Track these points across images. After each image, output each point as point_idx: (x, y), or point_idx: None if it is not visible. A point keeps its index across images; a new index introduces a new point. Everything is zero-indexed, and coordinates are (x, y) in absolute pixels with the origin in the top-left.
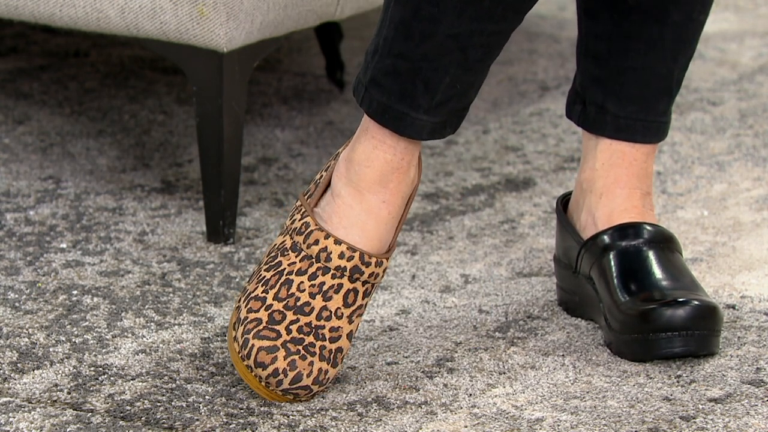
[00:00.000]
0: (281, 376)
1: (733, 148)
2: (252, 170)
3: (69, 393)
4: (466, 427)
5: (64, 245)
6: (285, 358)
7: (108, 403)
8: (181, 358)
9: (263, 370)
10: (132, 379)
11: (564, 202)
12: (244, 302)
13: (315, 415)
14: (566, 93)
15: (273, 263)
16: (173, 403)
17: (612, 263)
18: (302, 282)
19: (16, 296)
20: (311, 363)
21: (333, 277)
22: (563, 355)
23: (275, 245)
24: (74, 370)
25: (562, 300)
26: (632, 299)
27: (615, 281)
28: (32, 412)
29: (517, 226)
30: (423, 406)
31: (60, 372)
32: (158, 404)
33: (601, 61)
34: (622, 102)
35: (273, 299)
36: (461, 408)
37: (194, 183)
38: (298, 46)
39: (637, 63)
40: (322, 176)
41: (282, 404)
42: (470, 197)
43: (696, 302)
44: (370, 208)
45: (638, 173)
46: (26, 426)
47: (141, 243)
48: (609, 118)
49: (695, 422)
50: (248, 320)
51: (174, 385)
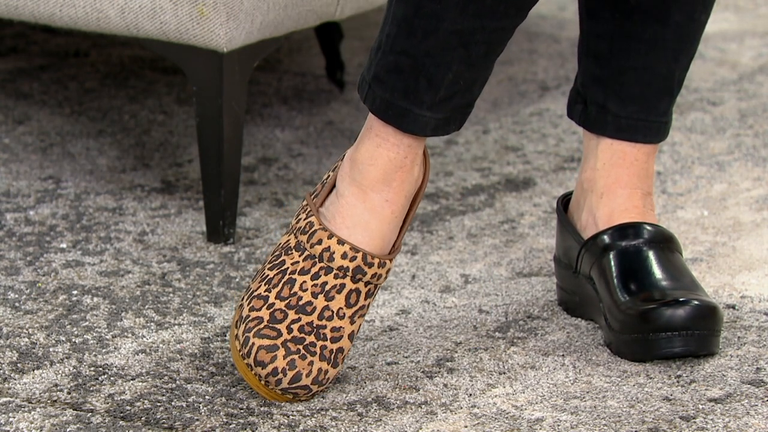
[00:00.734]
0: (280, 375)
1: (733, 148)
2: (252, 170)
3: (69, 393)
4: (466, 427)
5: (64, 245)
6: (284, 358)
7: (108, 403)
8: (181, 358)
9: (263, 369)
10: (132, 379)
11: (564, 202)
12: (247, 300)
13: (315, 415)
14: (566, 93)
15: (277, 262)
16: (173, 403)
17: (612, 263)
18: (305, 281)
19: (16, 296)
20: (311, 363)
21: (336, 277)
22: (563, 355)
23: (280, 244)
24: (74, 370)
25: (562, 300)
26: (632, 299)
27: (615, 281)
28: (32, 412)
29: (517, 226)
30: (423, 406)
31: (60, 372)
32: (158, 404)
33: (603, 61)
34: (624, 102)
35: (275, 298)
36: (461, 408)
37: (194, 183)
38: (298, 46)
39: (639, 63)
40: (329, 176)
41: (282, 404)
42: (470, 197)
43: (696, 302)
44: (374, 207)
45: (639, 173)
46: (26, 426)
47: (141, 243)
48: (610, 118)
49: (695, 422)
50: (250, 318)
51: (174, 385)
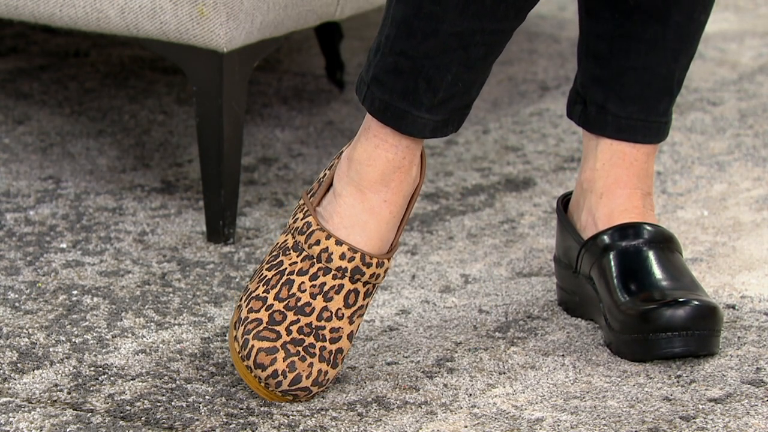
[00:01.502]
0: (280, 378)
1: (733, 148)
2: (252, 170)
3: (69, 393)
4: (466, 427)
5: (64, 245)
6: (284, 360)
7: (108, 403)
8: (181, 358)
9: (262, 371)
10: (132, 379)
11: (564, 202)
12: (245, 301)
13: (315, 415)
14: (566, 93)
15: (275, 262)
16: (173, 403)
17: (612, 263)
18: (303, 282)
19: (16, 296)
20: (311, 364)
21: (334, 278)
22: (563, 355)
23: (277, 244)
24: (74, 370)
25: (562, 300)
26: (632, 299)
27: (615, 281)
28: (32, 412)
29: (517, 226)
30: (423, 406)
31: (60, 372)
32: (158, 404)
33: (602, 61)
34: (623, 102)
35: (274, 299)
36: (461, 408)
37: (194, 183)
38: (298, 46)
39: (638, 63)
40: (326, 175)
41: (282, 404)
42: (470, 197)
43: (696, 302)
44: (372, 208)
45: (639, 173)
46: (26, 426)
47: (141, 243)
48: (610, 118)
49: (695, 422)
50: (249, 320)
51: (174, 385)
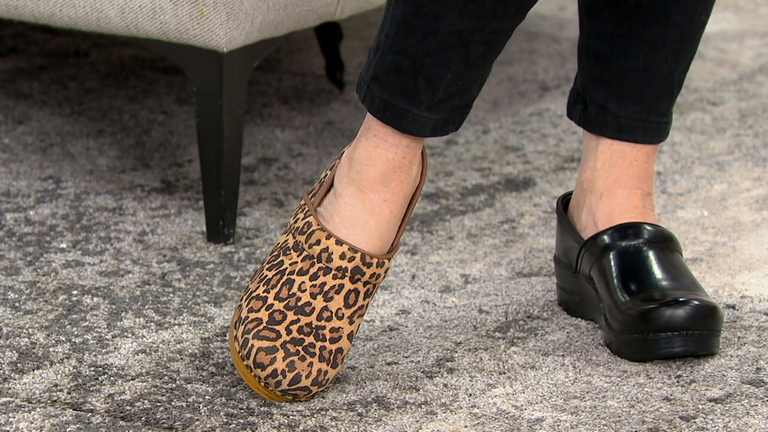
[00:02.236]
0: (280, 377)
1: (733, 148)
2: (252, 170)
3: (69, 393)
4: (466, 427)
5: (64, 245)
6: (284, 359)
7: (108, 403)
8: (181, 358)
9: (262, 371)
10: (132, 379)
11: (564, 202)
12: (246, 301)
13: (315, 415)
14: (566, 93)
15: (275, 262)
16: (173, 403)
17: (612, 263)
18: (303, 282)
19: (16, 296)
20: (310, 364)
21: (334, 278)
22: (563, 355)
23: (278, 244)
24: (74, 370)
25: (563, 300)
26: (632, 299)
27: (615, 281)
28: (32, 412)
29: (517, 226)
30: (423, 406)
31: (60, 372)
32: (158, 404)
33: (603, 61)
34: (623, 102)
35: (274, 299)
36: (461, 408)
37: (194, 183)
38: (298, 46)
39: (639, 63)
40: (327, 175)
41: (282, 404)
42: (470, 197)
43: (696, 302)
44: (372, 208)
45: (639, 173)
46: (26, 426)
47: (141, 243)
48: (610, 119)
49: (695, 422)
50: (249, 320)
51: (174, 385)
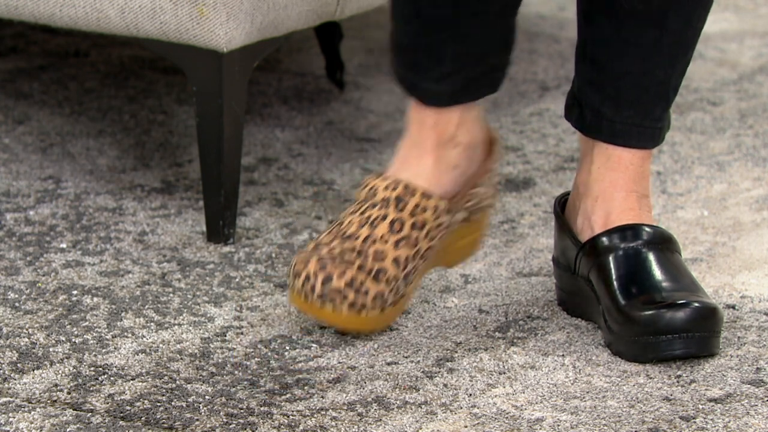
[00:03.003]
0: (312, 280)
1: (733, 148)
2: (252, 170)
3: (69, 393)
4: (466, 427)
5: (64, 245)
6: (317, 262)
7: (108, 403)
8: (181, 358)
9: (298, 280)
10: (132, 379)
11: (561, 203)
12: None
13: (315, 415)
14: (566, 93)
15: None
16: (173, 403)
17: (611, 265)
18: (351, 219)
19: (16, 296)
20: (345, 270)
21: (379, 209)
22: (563, 355)
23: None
24: (74, 370)
25: (562, 300)
26: (632, 301)
27: (614, 284)
28: (32, 412)
29: (517, 226)
30: (423, 406)
31: (60, 372)
32: (158, 404)
33: (599, 66)
34: (619, 107)
35: (322, 238)
36: (461, 408)
37: (194, 183)
38: (298, 46)
39: (635, 68)
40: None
41: (282, 404)
42: None
43: (696, 304)
44: (420, 155)
45: (634, 177)
46: (26, 426)
47: (141, 243)
48: (605, 123)
49: (695, 422)
50: (296, 262)
51: (174, 385)
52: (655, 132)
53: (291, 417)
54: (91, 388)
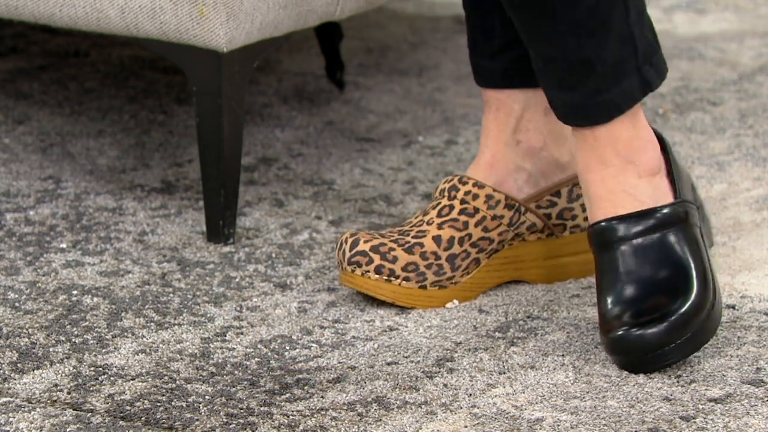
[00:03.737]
0: (344, 246)
1: (733, 148)
2: (252, 170)
3: (69, 393)
4: (466, 427)
5: (64, 245)
6: (351, 233)
7: (108, 403)
8: (181, 358)
9: (339, 251)
10: (132, 379)
11: None
12: None
13: (315, 415)
14: None
15: None
16: (173, 403)
17: (597, 269)
18: (410, 220)
19: (16, 296)
20: (374, 237)
21: (434, 200)
22: (563, 355)
23: None
24: (74, 370)
25: None
26: (609, 318)
27: (599, 292)
28: (32, 412)
29: None
30: (423, 406)
31: (60, 372)
32: (158, 404)
33: (527, 58)
34: (553, 92)
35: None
36: (461, 408)
37: (194, 183)
38: (298, 46)
39: (549, 55)
40: None
41: (282, 404)
42: None
43: (670, 318)
44: (485, 148)
45: (604, 153)
46: (26, 426)
47: (141, 243)
48: (557, 108)
49: (695, 422)
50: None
51: (174, 385)
52: (600, 105)
53: (291, 417)
54: (91, 388)
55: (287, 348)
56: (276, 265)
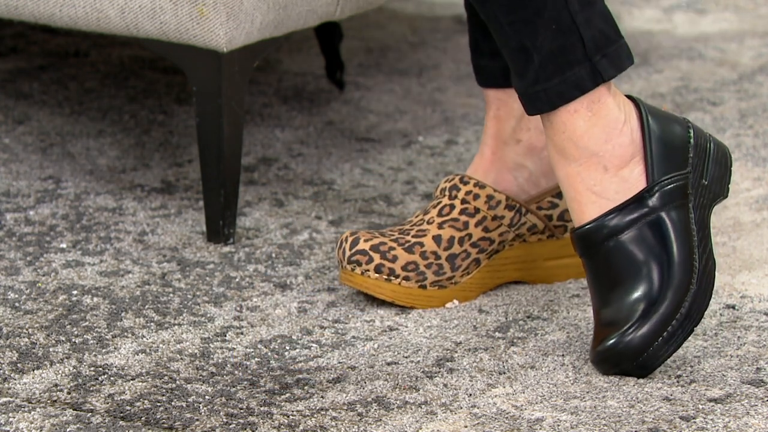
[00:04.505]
0: (344, 246)
1: (733, 148)
2: (252, 170)
3: (69, 393)
4: (466, 427)
5: (64, 245)
6: (352, 232)
7: (108, 403)
8: (181, 358)
9: (339, 250)
10: (132, 379)
11: None
12: None
13: (315, 415)
14: None
15: None
16: (173, 403)
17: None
18: (411, 219)
19: (16, 296)
20: (374, 238)
21: (435, 200)
22: (563, 355)
23: None
24: (74, 370)
25: None
26: (595, 334)
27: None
28: (32, 412)
29: None
30: (423, 406)
31: (60, 372)
32: (158, 404)
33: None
34: (513, 80)
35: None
36: (461, 408)
37: (194, 183)
38: (298, 46)
39: (499, 41)
40: None
41: (282, 404)
42: None
43: (648, 321)
44: (485, 147)
45: (561, 146)
46: (26, 426)
47: (141, 243)
48: (519, 97)
49: (695, 422)
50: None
51: (174, 385)
52: (538, 95)
53: (291, 417)
54: (91, 388)
55: (287, 348)
56: (276, 265)
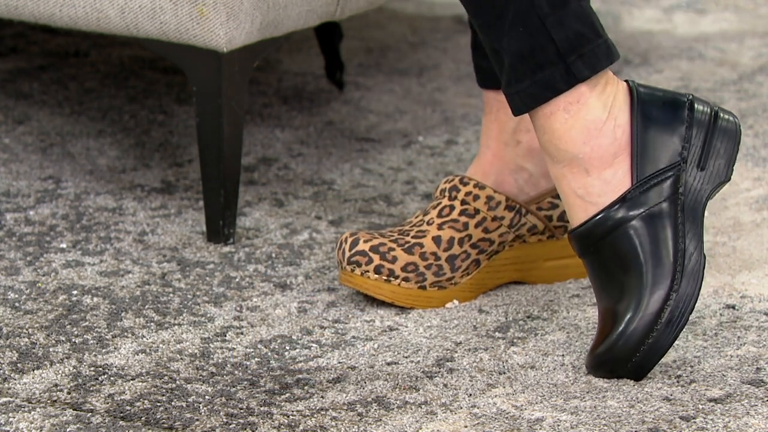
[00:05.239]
0: (344, 247)
1: None
2: (252, 170)
3: (69, 393)
4: (466, 427)
5: (64, 245)
6: (351, 232)
7: (108, 403)
8: (181, 358)
9: (339, 251)
10: (132, 379)
11: None
12: None
13: (315, 415)
14: None
15: None
16: (173, 403)
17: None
18: (411, 220)
19: (16, 296)
20: (374, 237)
21: (435, 200)
22: (563, 355)
23: None
24: (74, 370)
25: None
26: (597, 328)
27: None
28: (32, 412)
29: None
30: (423, 406)
31: (60, 372)
32: (158, 404)
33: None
34: (504, 84)
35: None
36: (461, 408)
37: (194, 183)
38: (298, 46)
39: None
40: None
41: (282, 404)
42: None
43: (635, 320)
44: (486, 149)
45: (546, 147)
46: (26, 426)
47: (141, 243)
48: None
49: (695, 422)
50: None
51: (174, 385)
52: (513, 98)
53: (291, 417)
54: (91, 388)
55: (287, 348)
56: (276, 265)
